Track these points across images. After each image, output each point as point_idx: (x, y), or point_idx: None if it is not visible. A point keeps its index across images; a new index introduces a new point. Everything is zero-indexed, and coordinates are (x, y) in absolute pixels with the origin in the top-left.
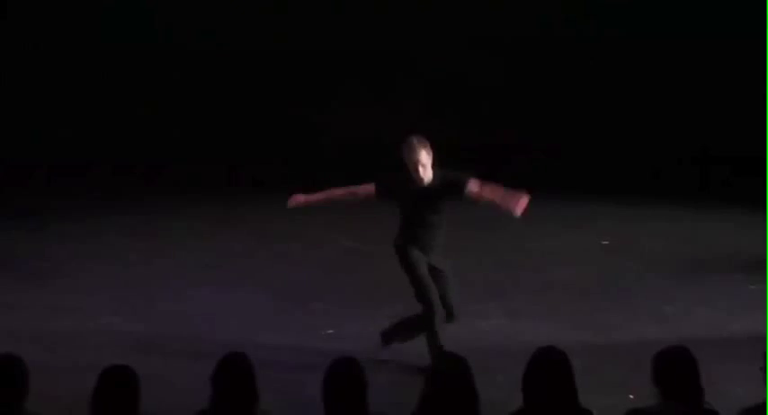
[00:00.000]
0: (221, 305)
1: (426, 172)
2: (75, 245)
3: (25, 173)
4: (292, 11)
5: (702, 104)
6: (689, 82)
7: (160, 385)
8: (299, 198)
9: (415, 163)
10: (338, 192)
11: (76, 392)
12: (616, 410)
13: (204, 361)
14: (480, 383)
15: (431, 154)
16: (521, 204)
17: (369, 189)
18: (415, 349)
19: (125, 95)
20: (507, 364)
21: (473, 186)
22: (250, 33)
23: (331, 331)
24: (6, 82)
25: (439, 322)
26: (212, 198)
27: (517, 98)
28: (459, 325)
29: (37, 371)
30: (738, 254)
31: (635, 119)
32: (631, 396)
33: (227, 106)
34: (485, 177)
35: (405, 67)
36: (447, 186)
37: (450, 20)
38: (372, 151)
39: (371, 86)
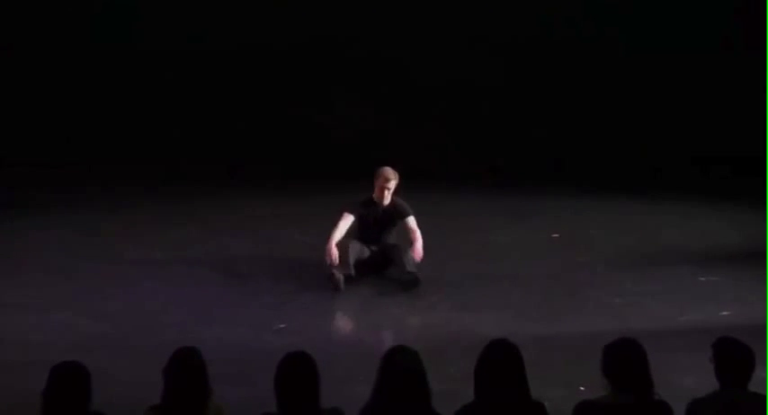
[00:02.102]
0: (173, 300)
1: (388, 198)
2: (24, 241)
3: None
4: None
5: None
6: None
7: (111, 381)
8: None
9: (382, 188)
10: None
11: (27, 389)
12: (567, 401)
13: (156, 356)
14: (432, 375)
15: (397, 182)
16: (418, 254)
17: (347, 219)
18: (368, 343)
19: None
20: (459, 356)
21: (411, 222)
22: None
23: (283, 326)
24: None
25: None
26: (163, 194)
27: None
28: (411, 318)
29: None
30: (688, 247)
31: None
32: (582, 388)
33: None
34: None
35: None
36: (397, 212)
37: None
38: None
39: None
